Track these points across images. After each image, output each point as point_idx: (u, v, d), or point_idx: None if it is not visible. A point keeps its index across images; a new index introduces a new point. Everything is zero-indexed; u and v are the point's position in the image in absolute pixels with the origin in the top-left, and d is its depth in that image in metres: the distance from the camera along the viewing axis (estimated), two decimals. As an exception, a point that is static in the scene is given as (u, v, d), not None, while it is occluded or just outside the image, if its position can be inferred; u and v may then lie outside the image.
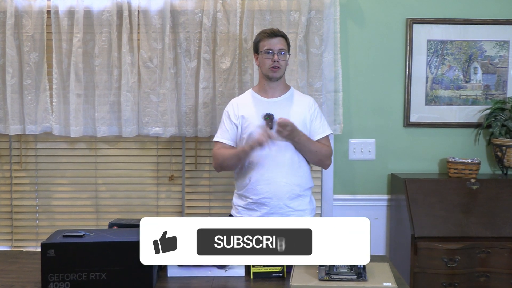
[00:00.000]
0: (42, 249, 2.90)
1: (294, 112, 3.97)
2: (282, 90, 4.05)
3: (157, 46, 4.74)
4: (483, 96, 4.97)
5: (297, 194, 3.95)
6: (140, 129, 4.84)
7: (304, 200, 4.02)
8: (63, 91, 4.80)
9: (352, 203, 5.05)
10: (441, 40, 4.93)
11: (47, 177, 5.12)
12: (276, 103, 3.98)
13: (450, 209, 4.45)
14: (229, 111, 4.05)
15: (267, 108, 3.94)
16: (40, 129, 4.84)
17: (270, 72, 3.92)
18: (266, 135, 3.70)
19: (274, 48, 3.89)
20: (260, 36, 3.98)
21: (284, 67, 3.96)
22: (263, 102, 4.00)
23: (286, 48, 3.96)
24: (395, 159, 5.04)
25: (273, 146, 3.82)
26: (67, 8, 4.73)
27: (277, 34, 3.94)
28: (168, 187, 5.12)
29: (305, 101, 4.08)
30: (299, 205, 3.96)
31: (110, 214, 5.05)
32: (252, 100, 4.05)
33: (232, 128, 4.01)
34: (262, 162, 3.89)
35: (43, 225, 5.14)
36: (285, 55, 3.94)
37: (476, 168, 4.68)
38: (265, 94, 4.02)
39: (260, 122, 3.90)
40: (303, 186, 4.00)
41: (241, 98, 4.14)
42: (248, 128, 3.93)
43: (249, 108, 4.00)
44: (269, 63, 3.90)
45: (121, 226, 3.42)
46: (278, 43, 3.91)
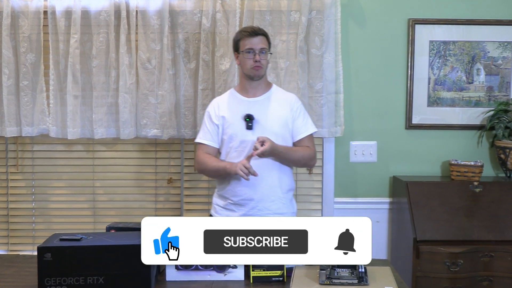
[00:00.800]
0: (39, 252, 2.90)
1: (275, 111, 3.98)
2: (263, 89, 4.05)
3: (156, 47, 4.75)
4: (486, 97, 4.98)
5: (278, 197, 3.96)
6: (138, 131, 4.84)
7: (285, 203, 4.01)
8: (60, 92, 4.80)
9: (353, 206, 5.05)
10: (443, 40, 4.94)
11: (43, 180, 5.12)
12: (257, 103, 3.99)
13: (453, 212, 4.45)
14: (210, 112, 4.06)
15: (248, 107, 3.95)
16: (37, 131, 4.84)
17: (252, 72, 3.91)
18: (245, 170, 3.71)
19: (255, 47, 3.88)
20: (240, 35, 3.97)
21: (266, 66, 3.97)
22: (244, 101, 4.00)
23: (267, 47, 3.95)
24: (397, 162, 5.05)
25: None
26: (64, 9, 4.73)
27: (258, 33, 3.93)
28: (167, 190, 5.12)
29: (287, 100, 4.07)
30: (278, 208, 3.96)
31: (108, 218, 5.06)
32: (233, 100, 4.05)
33: (213, 129, 4.02)
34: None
35: (39, 229, 5.14)
36: (266, 54, 3.94)
37: (479, 171, 4.68)
38: (246, 94, 4.02)
39: (240, 122, 3.92)
40: (284, 188, 4.01)
41: (222, 98, 4.13)
42: (229, 128, 3.95)
43: (230, 108, 4.01)
44: (251, 63, 3.89)
45: (119, 230, 3.42)
46: (259, 42, 3.90)
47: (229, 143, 3.95)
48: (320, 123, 4.76)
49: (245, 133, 3.90)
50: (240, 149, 3.91)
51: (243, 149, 3.90)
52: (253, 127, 3.89)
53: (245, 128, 3.90)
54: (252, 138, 3.86)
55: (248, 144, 3.88)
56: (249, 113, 3.91)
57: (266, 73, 4.08)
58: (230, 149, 3.95)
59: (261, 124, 3.91)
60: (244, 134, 3.90)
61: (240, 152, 3.91)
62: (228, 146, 3.96)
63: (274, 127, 3.92)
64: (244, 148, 3.89)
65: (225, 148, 3.99)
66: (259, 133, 3.86)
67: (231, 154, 3.95)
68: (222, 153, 4.02)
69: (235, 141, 3.93)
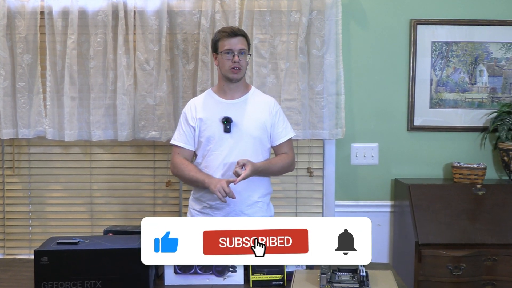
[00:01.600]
0: (36, 256, 2.91)
1: (253, 114, 3.97)
2: (242, 91, 4.03)
3: (154, 47, 4.75)
4: (489, 99, 4.98)
5: (254, 201, 3.96)
6: (136, 133, 4.84)
7: (262, 207, 4.01)
8: (57, 94, 4.81)
9: (354, 209, 5.04)
10: (446, 41, 4.94)
11: (40, 183, 5.12)
12: (235, 105, 3.97)
13: (455, 216, 4.46)
14: (187, 113, 4.04)
15: (226, 110, 3.94)
16: (34, 133, 4.84)
17: (230, 74, 3.89)
18: (223, 193, 3.69)
19: (234, 48, 3.86)
20: (219, 35, 3.93)
21: (244, 68, 3.94)
22: (221, 103, 3.98)
23: (246, 48, 3.93)
24: (399, 164, 5.05)
25: (232, 151, 3.89)
26: (61, 9, 4.73)
27: (237, 34, 3.90)
28: (165, 193, 5.13)
29: (265, 103, 4.05)
30: (255, 212, 3.96)
31: (106, 221, 5.06)
32: (210, 101, 4.03)
33: (188, 131, 4.01)
34: (218, 167, 3.90)
35: (36, 232, 5.14)
36: (245, 55, 3.91)
37: (482, 173, 4.68)
38: (224, 95, 4.01)
39: (218, 125, 3.91)
40: (261, 192, 4.01)
41: (199, 99, 4.11)
42: (206, 131, 3.93)
43: (207, 110, 3.99)
44: (229, 64, 3.87)
45: (116, 233, 3.43)
46: (238, 43, 3.87)
47: (206, 145, 3.94)
48: (320, 125, 4.77)
49: (223, 135, 3.89)
50: (218, 152, 3.90)
51: (220, 152, 3.89)
52: (231, 130, 3.88)
53: (222, 131, 3.89)
54: (230, 141, 3.88)
55: (226, 147, 3.88)
56: (227, 115, 3.90)
57: (245, 75, 4.04)
58: (207, 151, 3.94)
59: (238, 127, 3.90)
60: (222, 136, 3.89)
61: (217, 155, 3.90)
62: (205, 149, 3.95)
63: (252, 130, 3.92)
64: (222, 151, 3.89)
65: (201, 150, 3.97)
66: (237, 135, 3.88)
67: (209, 156, 3.93)
68: (199, 155, 4.01)
69: (212, 143, 3.91)
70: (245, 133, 3.89)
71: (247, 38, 3.99)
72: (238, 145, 3.88)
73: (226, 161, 3.87)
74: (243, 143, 3.89)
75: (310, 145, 5.01)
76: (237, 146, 3.88)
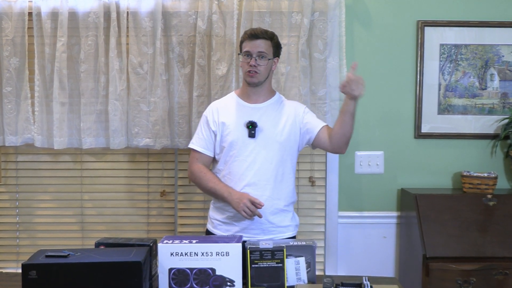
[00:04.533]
0: (23, 270, 2.92)
1: (279, 119, 3.99)
2: (266, 96, 4.06)
3: (148, 50, 4.77)
4: (500, 104, 4.99)
5: (280, 209, 3.98)
6: (129, 141, 4.85)
7: (287, 216, 4.04)
8: (46, 99, 4.81)
9: (358, 221, 5.06)
10: (455, 44, 4.96)
11: (28, 193, 5.13)
12: (260, 109, 4.00)
13: (465, 227, 4.47)
14: (208, 117, 4.07)
15: (250, 114, 3.96)
16: (21, 141, 4.85)
17: (247, 77, 3.93)
18: (249, 212, 3.75)
19: (253, 50, 3.88)
20: (242, 37, 4.00)
21: (264, 73, 3.93)
22: (246, 108, 4.01)
23: (268, 52, 3.93)
24: (405, 173, 5.06)
25: (256, 157, 3.90)
26: (50, 10, 4.75)
27: (259, 36, 3.91)
28: (160, 203, 5.14)
29: (291, 107, 4.08)
30: (281, 221, 3.99)
31: (97, 233, 5.08)
32: (234, 105, 4.05)
33: (209, 136, 4.04)
34: (243, 174, 3.92)
35: (24, 245, 5.15)
36: (265, 59, 3.91)
37: (492, 183, 4.70)
38: (248, 99, 4.03)
39: (242, 130, 3.93)
40: (287, 200, 4.03)
41: (222, 102, 4.12)
42: (229, 136, 3.95)
43: (231, 114, 4.01)
44: (246, 67, 3.91)
45: (109, 246, 3.42)
46: (258, 45, 3.89)
47: (229, 151, 3.95)
48: (323, 132, 4.76)
49: (247, 141, 3.91)
50: (242, 158, 3.92)
51: (244, 158, 3.91)
52: (256, 135, 3.90)
53: (247, 136, 3.91)
54: (254, 147, 3.89)
55: (250, 153, 3.90)
56: (252, 120, 3.92)
57: (271, 81, 4.07)
58: (230, 157, 3.95)
59: (264, 132, 3.92)
60: (246, 142, 3.91)
61: (241, 162, 3.91)
62: (227, 154, 3.97)
63: (277, 135, 3.94)
64: (246, 157, 3.90)
65: (224, 156, 3.99)
66: (262, 141, 3.90)
67: (232, 163, 3.95)
68: (221, 162, 4.02)
69: (235, 149, 3.93)
70: (270, 138, 3.92)
71: (273, 41, 3.98)
72: (263, 151, 3.91)
73: (250, 168, 3.91)
74: (268, 149, 3.91)
75: (312, 153, 5.02)
76: (262, 152, 3.90)
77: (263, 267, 3.21)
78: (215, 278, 3.13)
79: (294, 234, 4.10)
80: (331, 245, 5.05)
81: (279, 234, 3.96)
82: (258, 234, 3.90)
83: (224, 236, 3.45)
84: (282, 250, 3.22)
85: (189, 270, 3.12)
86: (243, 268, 3.20)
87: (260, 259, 3.21)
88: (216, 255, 3.13)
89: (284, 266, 3.22)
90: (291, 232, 4.05)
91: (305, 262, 3.33)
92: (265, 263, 3.21)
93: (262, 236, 3.89)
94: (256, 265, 3.21)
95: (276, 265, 3.21)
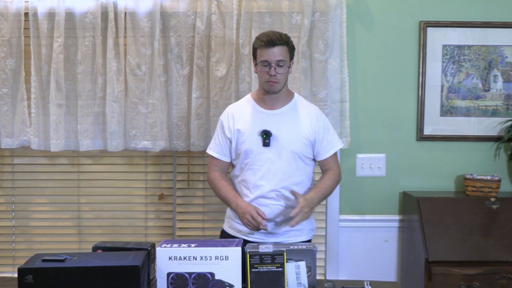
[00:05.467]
0: (20, 274, 2.92)
1: (295, 127, 3.96)
2: (283, 100, 4.02)
3: (146, 51, 4.77)
4: (504, 106, 4.99)
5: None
6: (127, 143, 4.85)
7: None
8: (43, 101, 4.82)
9: (359, 224, 5.07)
10: (457, 45, 4.96)
11: (24, 196, 5.14)
12: (275, 116, 3.97)
13: (468, 231, 4.47)
14: (224, 122, 4.06)
15: (266, 121, 3.94)
16: (17, 143, 4.85)
17: (266, 86, 3.88)
18: (253, 228, 3.78)
19: (271, 60, 3.81)
20: (257, 44, 3.89)
21: (283, 81, 3.90)
22: (262, 114, 3.98)
23: (286, 59, 3.87)
24: (407, 176, 5.07)
25: (271, 167, 3.90)
26: (46, 10, 4.74)
27: (275, 43, 3.82)
28: (158, 207, 5.14)
29: (309, 114, 4.03)
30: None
31: (94, 236, 5.08)
32: (249, 110, 4.03)
33: (225, 142, 4.04)
34: (256, 183, 3.92)
35: (20, 249, 5.16)
36: (285, 67, 3.86)
37: (496, 186, 4.70)
38: (265, 105, 4.00)
39: (256, 138, 3.91)
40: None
41: (238, 107, 4.10)
42: (244, 144, 3.94)
43: (246, 120, 3.99)
44: (266, 77, 3.85)
45: (106, 250, 3.43)
46: (276, 54, 3.81)
47: (244, 159, 3.96)
48: (324, 134, 4.75)
49: (261, 150, 3.90)
50: (256, 167, 3.92)
51: (259, 167, 3.91)
52: (270, 144, 3.89)
53: (261, 145, 3.90)
54: (269, 156, 3.89)
55: (265, 162, 3.90)
56: (266, 128, 3.89)
57: (287, 83, 4.03)
58: (245, 165, 3.96)
59: (279, 141, 3.90)
60: (260, 151, 3.91)
61: (255, 171, 3.92)
62: (243, 162, 3.97)
63: (292, 144, 3.92)
64: (261, 166, 3.90)
65: (240, 163, 4.00)
66: (277, 150, 3.89)
67: (246, 171, 3.96)
68: (237, 167, 4.03)
69: (250, 157, 3.93)
70: (285, 147, 3.90)
71: (289, 45, 3.92)
72: (278, 160, 3.90)
73: (264, 177, 3.91)
74: (283, 158, 3.91)
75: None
76: (277, 162, 3.90)
77: (263, 271, 3.21)
78: (214, 282, 3.13)
79: (308, 238, 4.10)
80: (332, 249, 5.06)
81: (292, 238, 3.97)
82: (271, 237, 3.92)
83: (223, 240, 3.45)
84: (282, 254, 3.22)
85: (187, 274, 3.13)
86: (243, 273, 3.20)
87: (260, 263, 3.21)
88: (215, 259, 3.14)
89: (284, 271, 3.22)
90: (305, 236, 4.05)
91: (306, 266, 3.33)
92: (265, 267, 3.21)
93: (275, 239, 3.91)
94: (256, 269, 3.21)
95: (276, 269, 3.21)
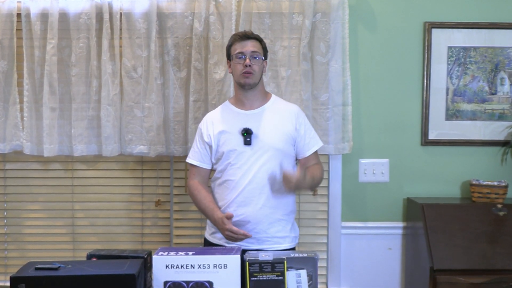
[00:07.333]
0: (12, 283, 2.92)
1: (276, 124, 4.03)
2: (261, 100, 4.10)
3: (142, 53, 4.77)
4: (511, 110, 5.00)
5: (277, 219, 4.00)
6: (122, 148, 4.85)
7: (286, 226, 4.06)
8: (36, 104, 4.82)
9: (362, 232, 5.07)
10: (463, 46, 4.97)
11: (17, 202, 5.14)
12: (255, 115, 4.04)
13: (474, 238, 4.47)
14: (203, 129, 4.13)
15: (246, 121, 4.00)
16: (9, 148, 4.86)
17: (242, 79, 3.96)
18: (234, 238, 3.84)
19: (245, 51, 3.94)
20: (232, 40, 4.05)
21: (258, 73, 3.99)
22: (241, 115, 4.05)
23: (260, 52, 4.00)
24: (412, 182, 5.07)
25: (253, 165, 3.94)
26: (39, 11, 4.75)
27: (250, 37, 4.00)
28: (155, 213, 5.14)
29: (288, 112, 4.12)
30: (278, 231, 4.01)
31: (89, 244, 5.08)
32: (227, 114, 4.11)
33: (203, 149, 4.10)
34: (238, 182, 3.95)
35: (13, 256, 5.16)
36: (259, 60, 3.98)
37: (503, 192, 4.70)
38: (242, 106, 4.08)
39: (238, 138, 3.97)
40: (285, 209, 4.05)
41: (216, 113, 4.18)
42: (225, 145, 4.00)
43: (225, 122, 4.05)
44: (241, 68, 3.94)
45: (101, 258, 3.43)
46: (250, 45, 3.96)
47: (225, 160, 4.00)
48: (325, 139, 4.77)
49: (243, 149, 3.95)
50: (238, 166, 3.96)
51: (240, 166, 3.95)
52: (252, 142, 3.93)
53: (242, 144, 3.95)
54: (251, 154, 3.93)
55: (247, 161, 3.94)
56: (247, 127, 3.95)
57: (263, 83, 4.12)
58: (227, 166, 4.00)
59: (260, 139, 3.95)
60: (242, 150, 3.95)
61: (236, 170, 3.96)
62: (223, 163, 4.01)
63: (274, 141, 3.97)
64: (242, 165, 3.94)
65: (220, 165, 4.03)
66: (258, 148, 3.94)
67: (228, 171, 4.00)
68: (217, 170, 4.07)
69: (232, 157, 3.97)
70: (267, 145, 3.95)
71: (262, 43, 4.06)
72: (260, 158, 3.95)
73: (245, 176, 3.95)
74: (265, 156, 3.95)
75: (314, 160, 5.02)
76: (259, 160, 3.94)
77: (263, 280, 3.21)
78: (212, 291, 3.14)
79: (292, 246, 4.12)
80: (334, 257, 5.06)
81: (275, 245, 4.00)
82: (253, 243, 3.93)
83: (222, 248, 3.46)
84: (282, 262, 3.22)
85: (185, 283, 3.13)
86: (242, 281, 3.20)
87: (260, 271, 3.21)
88: (213, 268, 3.14)
89: (285, 279, 3.22)
90: (288, 244, 4.07)
91: (307, 275, 3.33)
92: (265, 276, 3.21)
93: (256, 246, 3.93)
94: (255, 278, 3.21)
95: (276, 278, 3.21)
